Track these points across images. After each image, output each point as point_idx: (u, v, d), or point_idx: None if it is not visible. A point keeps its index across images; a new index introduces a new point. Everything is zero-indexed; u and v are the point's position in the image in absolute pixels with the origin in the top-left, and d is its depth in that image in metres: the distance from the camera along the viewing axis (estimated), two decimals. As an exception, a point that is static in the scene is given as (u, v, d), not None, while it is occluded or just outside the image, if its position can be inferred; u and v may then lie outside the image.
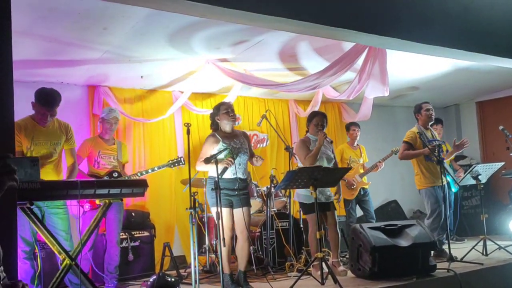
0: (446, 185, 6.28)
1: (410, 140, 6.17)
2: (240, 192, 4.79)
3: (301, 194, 5.33)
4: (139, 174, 5.58)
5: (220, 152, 4.66)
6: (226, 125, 4.89)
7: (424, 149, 5.98)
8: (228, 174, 4.72)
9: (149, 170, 5.64)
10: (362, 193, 6.97)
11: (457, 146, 6.27)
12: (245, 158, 4.91)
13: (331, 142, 5.45)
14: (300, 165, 5.38)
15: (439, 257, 5.54)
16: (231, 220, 4.78)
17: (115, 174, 5.29)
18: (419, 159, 6.13)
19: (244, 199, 4.83)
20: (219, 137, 4.82)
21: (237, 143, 4.88)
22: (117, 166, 5.39)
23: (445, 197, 6.11)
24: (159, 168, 5.69)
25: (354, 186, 6.90)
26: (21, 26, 4.39)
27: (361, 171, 7.02)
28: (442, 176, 6.34)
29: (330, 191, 5.45)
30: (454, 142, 6.31)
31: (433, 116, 6.32)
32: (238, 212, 4.80)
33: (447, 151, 6.53)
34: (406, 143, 6.19)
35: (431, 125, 7.17)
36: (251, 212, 6.29)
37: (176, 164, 5.75)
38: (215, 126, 4.96)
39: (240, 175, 4.79)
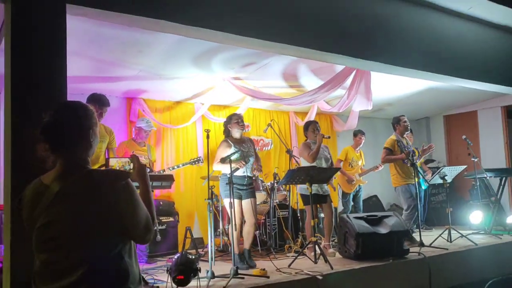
0: (417, 184, 6.26)
1: (390, 146, 6.14)
2: (248, 186, 4.84)
3: (302, 188, 5.31)
4: (168, 169, 5.60)
5: (232, 154, 4.67)
6: (236, 133, 4.91)
7: (401, 154, 5.98)
8: (239, 172, 4.74)
9: (175, 167, 5.66)
10: (357, 189, 6.97)
11: (424, 150, 6.28)
12: (251, 159, 4.93)
13: (329, 137, 5.51)
14: (304, 164, 5.36)
15: (411, 243, 5.50)
16: (240, 209, 4.80)
17: (148, 170, 5.28)
18: (396, 161, 6.11)
19: (251, 192, 4.87)
20: (230, 142, 4.84)
21: (245, 147, 4.90)
22: (148, 164, 5.42)
23: (417, 194, 6.09)
24: (183, 165, 5.71)
25: (354, 182, 6.91)
26: (74, 48, 4.40)
27: (360, 171, 7.02)
28: (415, 176, 6.33)
29: (328, 187, 5.45)
30: (423, 147, 6.30)
31: (408, 127, 6.31)
32: (247, 203, 4.82)
33: (419, 154, 6.49)
34: (387, 149, 6.15)
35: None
36: (257, 203, 6.32)
37: (196, 163, 5.75)
38: (227, 133, 4.98)
39: (248, 173, 4.84)
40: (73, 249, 1.60)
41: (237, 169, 4.67)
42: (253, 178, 5.74)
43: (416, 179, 6.62)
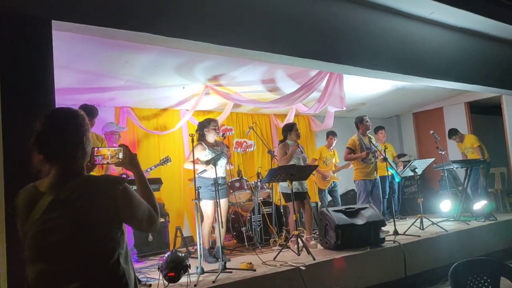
0: (382, 177, 6.32)
1: (351, 146, 6.16)
2: (222, 186, 4.79)
3: (283, 186, 5.31)
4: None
5: (216, 156, 4.65)
6: (211, 138, 4.87)
7: (362, 153, 6.02)
8: (213, 174, 4.63)
9: (148, 169, 5.52)
10: (332, 185, 7.02)
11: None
12: (224, 161, 4.90)
13: (302, 147, 5.53)
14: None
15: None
16: (215, 209, 4.71)
17: (124, 176, 5.13)
18: (358, 159, 6.13)
19: (225, 191, 4.86)
20: (205, 145, 4.81)
21: (218, 150, 4.85)
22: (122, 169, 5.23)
23: (379, 186, 6.14)
24: (155, 166, 5.50)
25: (328, 179, 6.95)
26: (62, 61, 4.35)
27: (334, 168, 7.06)
28: (387, 169, 6.40)
29: (306, 184, 5.45)
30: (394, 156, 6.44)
31: (370, 126, 6.28)
32: (224, 202, 4.80)
33: (385, 149, 6.47)
34: (348, 148, 6.18)
35: (375, 131, 7.26)
36: (243, 201, 6.32)
37: (166, 162, 5.58)
38: (202, 136, 4.88)
39: (221, 174, 4.78)
40: (72, 257, 1.48)
41: (203, 171, 4.65)
42: (239, 177, 5.75)
43: (389, 173, 6.71)
